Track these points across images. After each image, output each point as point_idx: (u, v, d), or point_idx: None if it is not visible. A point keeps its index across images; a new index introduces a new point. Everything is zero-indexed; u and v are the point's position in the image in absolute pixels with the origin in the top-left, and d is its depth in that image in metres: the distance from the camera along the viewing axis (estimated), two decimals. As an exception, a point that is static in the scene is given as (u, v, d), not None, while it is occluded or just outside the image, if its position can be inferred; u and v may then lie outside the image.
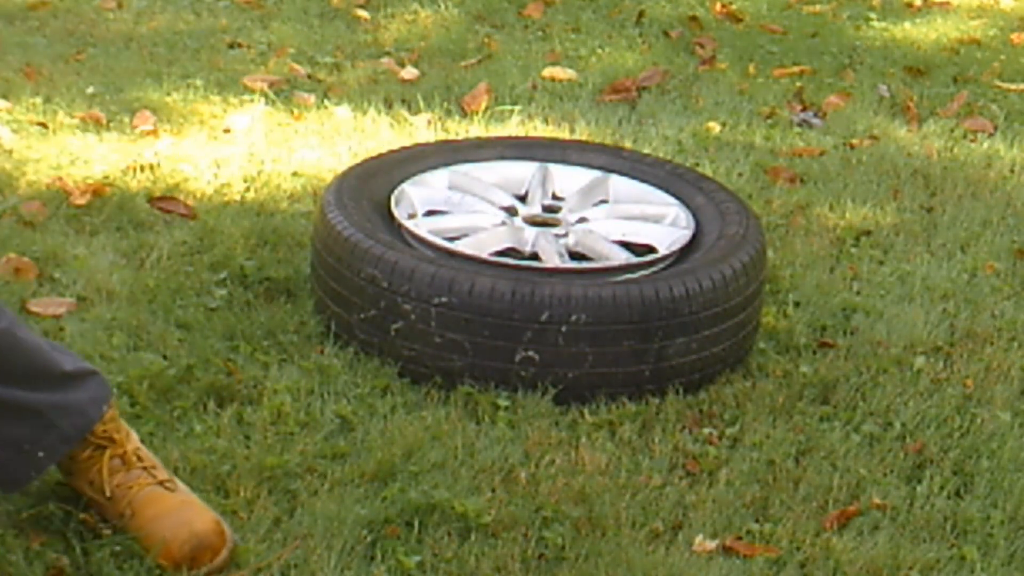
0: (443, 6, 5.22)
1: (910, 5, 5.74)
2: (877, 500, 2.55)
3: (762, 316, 3.05)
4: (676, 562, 2.34)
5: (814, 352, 3.03)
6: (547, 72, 4.65)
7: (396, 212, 3.01)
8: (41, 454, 2.23)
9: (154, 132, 3.92)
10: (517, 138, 3.76)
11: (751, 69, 4.83)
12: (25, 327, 2.23)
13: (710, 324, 2.81)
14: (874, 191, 3.90)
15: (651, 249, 3.01)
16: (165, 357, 2.78)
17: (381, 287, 2.77)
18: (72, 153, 3.75)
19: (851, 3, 5.69)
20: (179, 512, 2.25)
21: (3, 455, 2.21)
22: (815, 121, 4.40)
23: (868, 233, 3.64)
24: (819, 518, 2.49)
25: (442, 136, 4.05)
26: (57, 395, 2.23)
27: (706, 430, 2.73)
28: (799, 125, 4.37)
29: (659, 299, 2.75)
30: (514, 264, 2.88)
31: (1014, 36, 5.43)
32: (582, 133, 4.15)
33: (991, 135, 4.38)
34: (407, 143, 3.69)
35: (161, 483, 2.29)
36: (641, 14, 5.30)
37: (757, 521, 2.48)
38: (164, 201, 3.46)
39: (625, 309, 2.73)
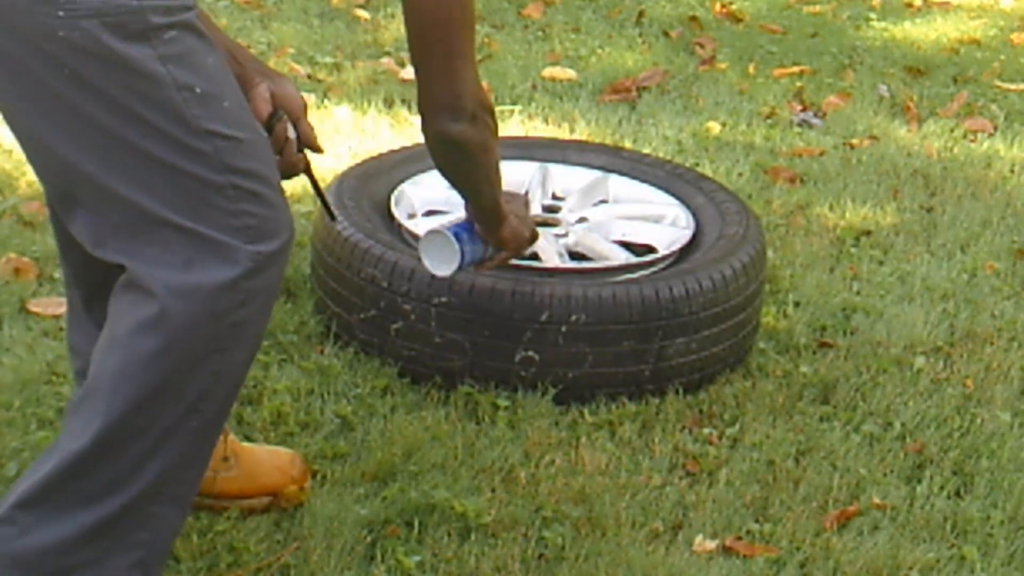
0: (443, 6, 5.22)
1: (910, 5, 5.74)
2: (877, 500, 2.55)
3: (762, 316, 3.05)
4: (676, 562, 2.34)
5: (814, 352, 3.03)
6: (547, 72, 4.65)
7: (396, 212, 3.01)
8: None
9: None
10: (517, 138, 3.76)
11: (751, 69, 4.84)
12: None
13: (710, 324, 2.81)
14: (874, 191, 3.90)
15: (651, 249, 3.01)
16: (165, 357, 2.78)
17: (381, 287, 2.77)
18: (72, 153, 3.75)
19: (851, 3, 5.70)
20: (262, 447, 2.45)
21: None
22: (815, 121, 4.41)
23: (868, 233, 3.64)
24: (819, 518, 2.49)
25: (442, 136, 4.04)
26: None
27: (706, 430, 2.73)
28: (799, 125, 4.38)
29: (659, 299, 2.75)
30: (514, 264, 2.88)
31: (1014, 36, 5.44)
32: (582, 133, 4.16)
33: (991, 135, 4.38)
34: (407, 143, 3.69)
35: None
36: (641, 14, 5.30)
37: (757, 521, 2.48)
38: (164, 201, 3.46)
39: (625, 309, 2.73)
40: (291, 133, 2.12)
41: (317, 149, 2.17)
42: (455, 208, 3.13)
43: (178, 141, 1.80)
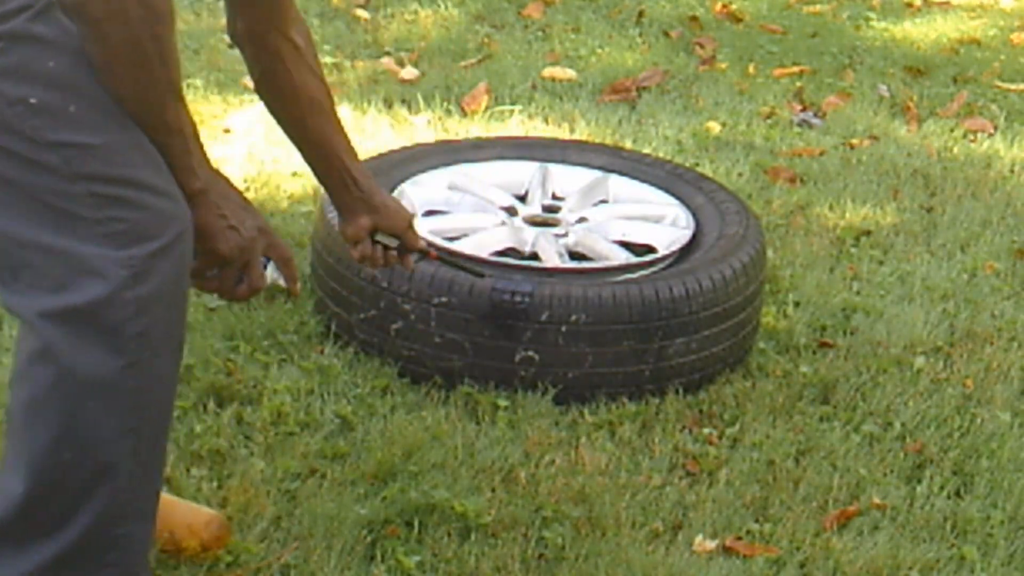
0: (443, 6, 5.22)
1: (910, 5, 5.74)
2: (877, 500, 2.55)
3: (762, 316, 3.05)
4: (676, 562, 2.34)
5: (814, 352, 3.03)
6: (547, 72, 4.65)
7: (396, 212, 3.01)
8: None
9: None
10: (517, 138, 3.76)
11: (751, 69, 4.83)
12: None
13: (710, 324, 2.81)
14: (874, 191, 3.90)
15: (651, 249, 3.01)
16: (165, 357, 2.78)
17: (381, 287, 2.77)
18: (72, 153, 3.75)
19: (851, 3, 5.69)
20: (184, 503, 2.32)
21: None
22: (815, 121, 4.40)
23: (868, 233, 3.64)
24: (819, 518, 2.49)
25: (442, 136, 4.05)
26: None
27: (706, 430, 2.73)
28: (799, 125, 4.37)
29: (659, 299, 2.75)
30: (514, 264, 2.88)
31: (1014, 36, 5.43)
32: (582, 133, 4.16)
33: (991, 135, 4.38)
34: (407, 143, 3.69)
35: None
36: (641, 14, 5.30)
37: (757, 521, 2.48)
38: (164, 201, 3.46)
39: (625, 309, 2.73)
40: (390, 243, 2.23)
41: (407, 267, 2.30)
42: (455, 208, 3.14)
43: (21, 157, 1.70)
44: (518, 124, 4.21)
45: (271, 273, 1.94)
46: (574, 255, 3.01)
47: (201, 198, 1.85)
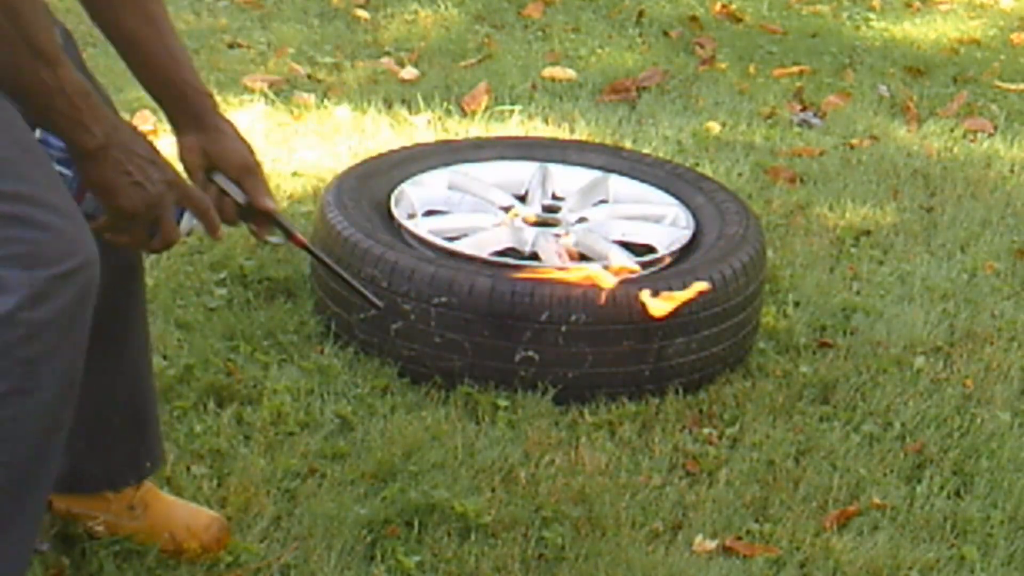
0: (443, 6, 5.22)
1: (910, 5, 5.74)
2: (877, 500, 2.55)
3: (762, 316, 3.05)
4: (676, 562, 2.34)
5: (814, 352, 3.03)
6: (547, 72, 4.65)
7: (396, 212, 3.01)
8: (148, 464, 2.24)
9: (154, 132, 3.91)
10: (517, 138, 3.76)
11: (751, 69, 4.83)
12: None
13: (710, 324, 2.81)
14: (874, 191, 3.90)
15: (651, 249, 3.01)
16: (165, 357, 2.78)
17: (381, 287, 2.77)
18: (72, 153, 3.74)
19: (851, 3, 5.69)
20: (185, 504, 2.31)
21: (118, 457, 2.20)
22: (815, 121, 4.41)
23: (868, 233, 3.64)
24: (819, 518, 2.49)
25: (442, 136, 4.05)
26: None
27: (706, 430, 2.73)
28: (799, 125, 4.37)
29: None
30: (514, 264, 2.88)
31: (1014, 36, 5.43)
32: (582, 133, 4.16)
33: (991, 135, 4.38)
34: (407, 143, 3.69)
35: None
36: (641, 14, 5.30)
37: (757, 521, 2.48)
38: (164, 201, 3.46)
39: (625, 309, 2.73)
40: (231, 191, 1.96)
41: (261, 211, 1.96)
42: (455, 208, 3.14)
43: None
44: (518, 124, 4.21)
45: (187, 223, 1.88)
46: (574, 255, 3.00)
47: (101, 154, 1.71)
